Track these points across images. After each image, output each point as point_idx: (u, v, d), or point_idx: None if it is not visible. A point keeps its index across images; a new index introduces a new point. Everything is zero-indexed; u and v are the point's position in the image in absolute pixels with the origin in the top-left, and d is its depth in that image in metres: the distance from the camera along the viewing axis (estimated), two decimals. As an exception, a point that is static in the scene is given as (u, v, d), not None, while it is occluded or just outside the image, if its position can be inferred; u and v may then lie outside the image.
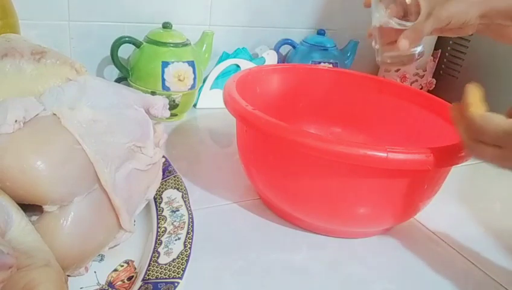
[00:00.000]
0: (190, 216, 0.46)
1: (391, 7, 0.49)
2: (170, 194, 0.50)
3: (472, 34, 0.50)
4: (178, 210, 0.48)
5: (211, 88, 0.87)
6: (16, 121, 0.36)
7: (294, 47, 0.95)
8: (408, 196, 0.48)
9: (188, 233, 0.44)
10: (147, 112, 0.48)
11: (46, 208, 0.37)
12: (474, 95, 0.40)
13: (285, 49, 0.97)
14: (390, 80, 0.89)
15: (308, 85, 0.69)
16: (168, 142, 0.51)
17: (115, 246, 0.43)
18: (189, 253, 0.41)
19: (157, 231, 0.45)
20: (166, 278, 0.38)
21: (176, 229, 0.45)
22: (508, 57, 0.86)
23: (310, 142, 0.42)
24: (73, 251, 0.38)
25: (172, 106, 0.77)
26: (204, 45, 0.80)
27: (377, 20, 0.50)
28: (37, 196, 0.36)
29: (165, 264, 0.40)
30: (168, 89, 0.75)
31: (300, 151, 0.43)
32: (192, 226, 0.45)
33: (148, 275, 0.39)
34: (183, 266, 0.39)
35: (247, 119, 0.47)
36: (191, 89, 0.78)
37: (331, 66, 0.90)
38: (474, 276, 0.49)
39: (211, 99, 0.87)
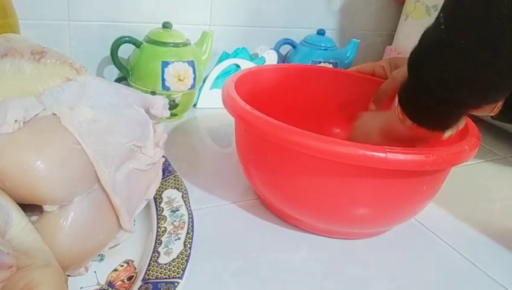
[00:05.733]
0: (190, 216, 0.46)
1: None
2: (170, 194, 0.50)
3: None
4: (178, 210, 0.48)
5: (211, 88, 0.87)
6: (15, 120, 0.36)
7: (294, 47, 0.95)
8: (407, 196, 0.48)
9: (188, 233, 0.44)
10: (147, 111, 0.48)
11: (46, 208, 0.37)
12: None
13: (285, 49, 0.97)
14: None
15: (308, 85, 0.69)
16: (168, 142, 0.51)
17: (115, 246, 0.43)
18: (189, 253, 0.41)
19: (157, 231, 0.45)
20: (166, 278, 0.38)
21: (175, 229, 0.45)
22: None
23: (308, 142, 0.42)
24: (73, 250, 0.38)
25: (172, 105, 0.77)
26: (204, 45, 0.80)
27: None
28: (37, 196, 0.36)
29: (165, 264, 0.40)
30: (168, 88, 0.75)
31: (299, 151, 0.43)
32: (192, 226, 0.45)
33: (148, 275, 0.39)
34: (183, 266, 0.39)
35: (246, 119, 0.47)
36: (191, 88, 0.78)
37: (331, 66, 0.90)
38: (474, 276, 0.49)
39: (211, 99, 0.87)
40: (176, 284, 0.38)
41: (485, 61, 0.36)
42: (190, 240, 0.43)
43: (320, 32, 0.94)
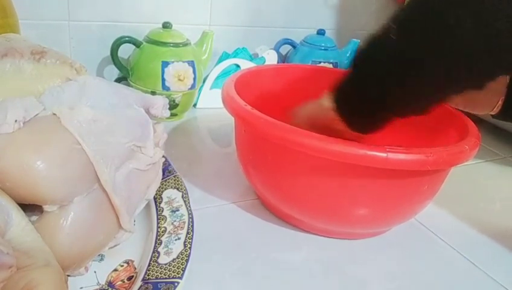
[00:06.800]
0: (190, 216, 0.46)
1: None
2: (170, 194, 0.50)
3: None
4: (178, 210, 0.48)
5: (211, 88, 0.87)
6: (15, 120, 0.36)
7: (294, 47, 0.95)
8: (407, 196, 0.48)
9: (188, 233, 0.44)
10: (147, 111, 0.48)
11: (46, 208, 0.37)
12: None
13: (285, 49, 0.97)
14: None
15: (308, 85, 0.69)
16: (168, 142, 0.51)
17: (115, 246, 0.43)
18: (189, 253, 0.41)
19: (157, 231, 0.45)
20: (166, 278, 0.38)
21: (175, 229, 0.45)
22: None
23: (308, 142, 0.42)
24: (73, 250, 0.38)
25: (172, 105, 0.77)
26: (204, 45, 0.80)
27: None
28: (37, 196, 0.36)
29: (165, 264, 0.40)
30: (168, 88, 0.75)
31: (299, 151, 0.43)
32: (192, 226, 0.45)
33: (148, 275, 0.39)
34: (183, 266, 0.39)
35: (246, 119, 0.47)
36: (191, 88, 0.78)
37: (331, 66, 0.90)
38: (474, 276, 0.49)
39: (211, 99, 0.87)
40: (176, 284, 0.38)
41: (425, 70, 0.36)
42: (190, 240, 0.43)
43: (320, 32, 0.94)
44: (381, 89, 0.40)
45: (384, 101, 0.40)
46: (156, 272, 0.39)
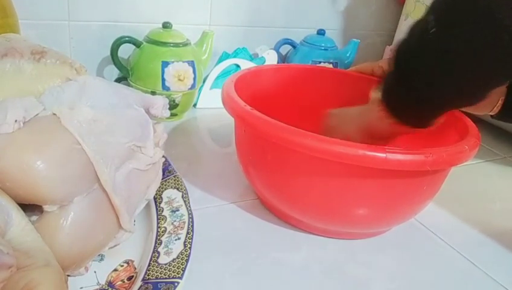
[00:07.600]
0: (190, 216, 0.46)
1: None
2: (170, 194, 0.50)
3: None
4: (178, 210, 0.48)
5: (211, 88, 0.87)
6: (15, 120, 0.36)
7: (294, 47, 0.95)
8: (407, 197, 0.48)
9: (188, 233, 0.44)
10: (147, 111, 0.48)
11: (46, 208, 0.37)
12: None
13: (285, 49, 0.97)
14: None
15: (308, 85, 0.69)
16: (168, 142, 0.51)
17: (115, 246, 0.43)
18: (189, 253, 0.41)
19: (157, 231, 0.45)
20: (166, 278, 0.38)
21: (175, 229, 0.45)
22: None
23: (308, 143, 0.42)
24: (73, 250, 0.38)
25: (172, 105, 0.77)
26: (204, 45, 0.80)
27: None
28: (37, 196, 0.36)
29: (165, 264, 0.40)
30: (168, 88, 0.75)
31: (299, 152, 0.43)
32: (192, 226, 0.45)
33: (148, 275, 0.39)
34: (183, 266, 0.39)
35: (246, 119, 0.47)
36: (191, 88, 0.78)
37: (331, 66, 0.90)
38: (474, 276, 0.49)
39: (211, 99, 0.87)
40: (176, 284, 0.38)
41: (473, 64, 0.36)
42: (190, 240, 0.43)
43: (320, 32, 0.94)
44: (426, 80, 0.40)
45: (431, 90, 0.40)
46: (156, 272, 0.39)
